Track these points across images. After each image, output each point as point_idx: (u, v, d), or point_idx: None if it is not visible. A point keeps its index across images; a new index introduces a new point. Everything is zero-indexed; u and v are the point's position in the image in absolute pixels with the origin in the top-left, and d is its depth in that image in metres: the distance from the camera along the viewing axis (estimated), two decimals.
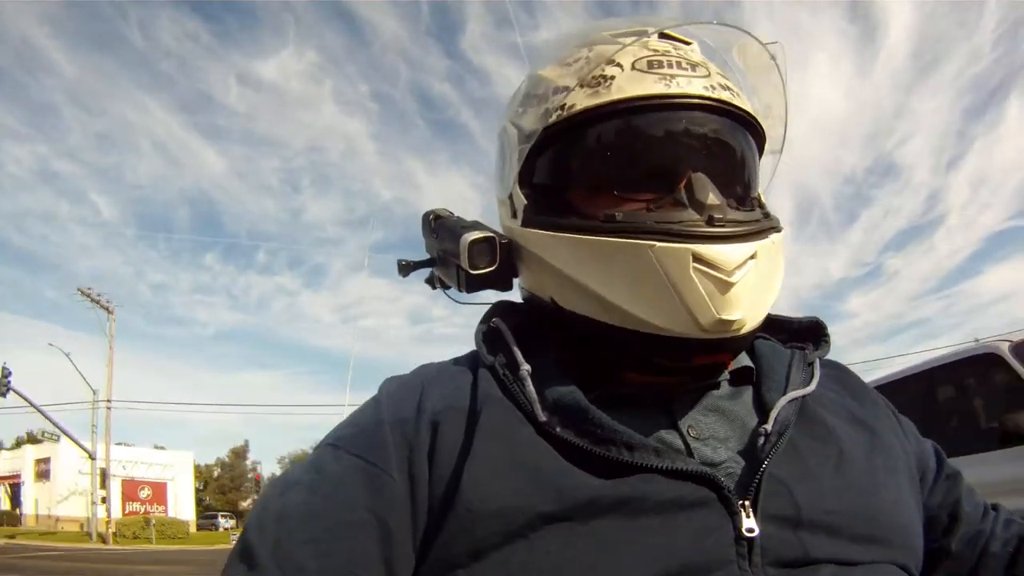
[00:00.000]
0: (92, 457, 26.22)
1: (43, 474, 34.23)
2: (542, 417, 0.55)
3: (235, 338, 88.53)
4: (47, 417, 23.84)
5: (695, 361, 0.59)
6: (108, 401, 26.49)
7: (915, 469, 0.67)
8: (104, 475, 26.28)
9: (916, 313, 77.09)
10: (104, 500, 26.59)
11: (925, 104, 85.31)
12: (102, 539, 26.28)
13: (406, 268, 0.77)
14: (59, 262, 71.16)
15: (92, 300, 26.31)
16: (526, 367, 0.59)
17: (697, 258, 0.54)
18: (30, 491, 34.64)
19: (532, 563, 0.50)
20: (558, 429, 0.55)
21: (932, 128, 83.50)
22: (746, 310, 0.55)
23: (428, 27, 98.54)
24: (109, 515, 27.07)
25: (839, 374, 0.72)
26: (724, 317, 0.54)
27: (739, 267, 0.55)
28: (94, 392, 26.11)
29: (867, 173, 78.17)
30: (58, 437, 28.00)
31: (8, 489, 36.92)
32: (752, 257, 0.56)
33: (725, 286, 0.54)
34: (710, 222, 0.55)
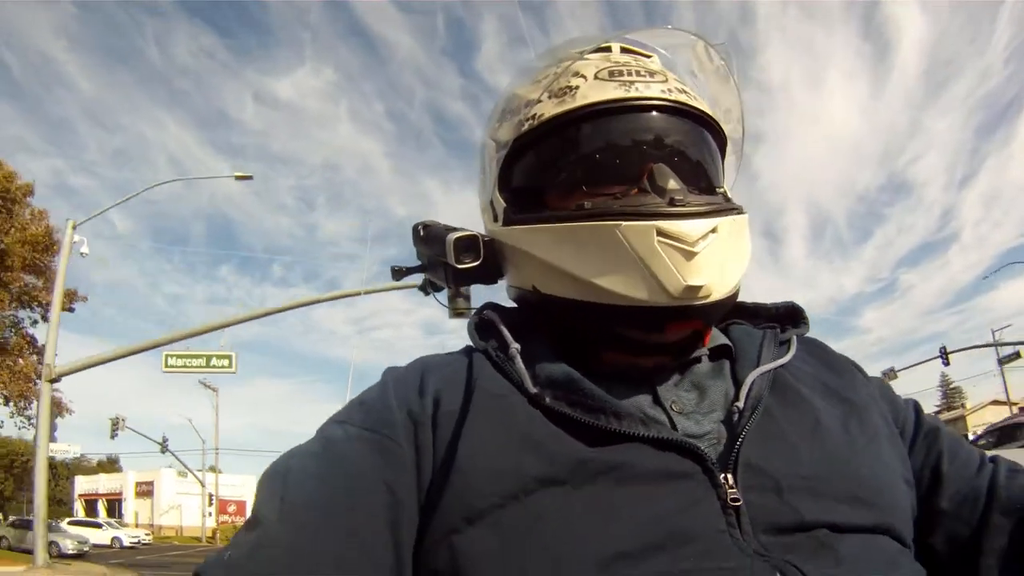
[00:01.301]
0: (203, 484, 38.96)
1: (144, 493, 46.11)
2: (532, 389, 0.59)
3: (249, 347, 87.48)
4: (181, 462, 36.61)
5: (668, 329, 0.62)
6: (216, 449, 39.46)
7: (895, 431, 0.68)
8: (212, 498, 39.13)
9: (930, 328, 78.21)
10: (211, 514, 39.51)
11: (937, 122, 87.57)
12: (210, 541, 39.05)
13: (399, 273, 0.83)
14: (74, 272, 74.25)
15: (206, 387, 39.12)
16: (515, 346, 0.63)
17: (661, 232, 0.58)
18: (131, 506, 46.58)
19: (526, 527, 0.52)
20: (548, 399, 0.58)
21: (945, 146, 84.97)
22: (711, 277, 0.59)
23: (444, 46, 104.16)
24: (217, 523, 39.94)
25: (815, 349, 0.74)
26: (691, 283, 0.58)
27: (701, 239, 0.59)
28: (203, 441, 38.90)
29: (880, 191, 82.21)
30: (186, 474, 40.56)
31: (105, 504, 48.80)
32: (713, 231, 0.60)
33: (689, 255, 0.58)
34: (671, 203, 0.60)
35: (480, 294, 0.80)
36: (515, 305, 0.75)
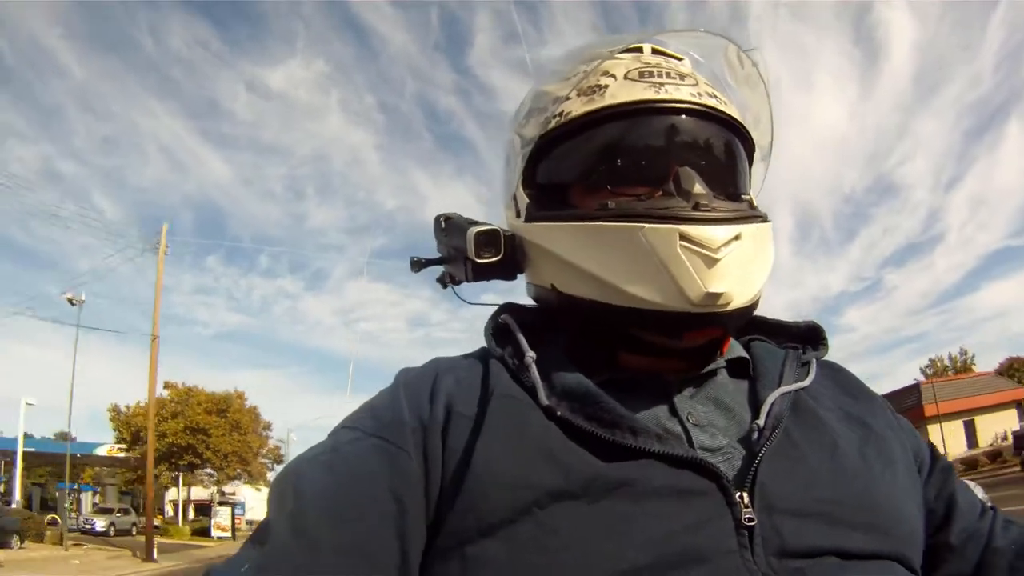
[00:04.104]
0: None
1: (224, 502, 55.79)
2: (545, 401, 0.58)
3: (235, 338, 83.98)
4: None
5: (686, 336, 0.61)
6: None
7: (913, 463, 0.67)
8: None
9: (914, 328, 74.51)
10: None
11: (926, 125, 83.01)
12: None
13: (418, 264, 0.81)
14: (60, 260, 64.99)
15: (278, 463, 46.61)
16: (531, 354, 0.62)
17: (684, 237, 0.57)
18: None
19: (539, 540, 0.51)
20: (560, 412, 0.57)
21: (932, 149, 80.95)
22: (732, 285, 0.58)
23: (437, 40, 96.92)
24: None
25: (835, 373, 0.73)
26: (712, 290, 0.57)
27: (724, 245, 0.57)
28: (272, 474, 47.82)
29: (867, 192, 77.64)
30: (260, 488, 49.70)
31: (194, 508, 58.56)
32: (737, 238, 0.58)
33: (711, 261, 0.57)
34: (696, 207, 0.58)
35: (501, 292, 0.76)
36: (533, 303, 0.75)
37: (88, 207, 67.93)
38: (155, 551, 19.10)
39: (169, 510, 58.23)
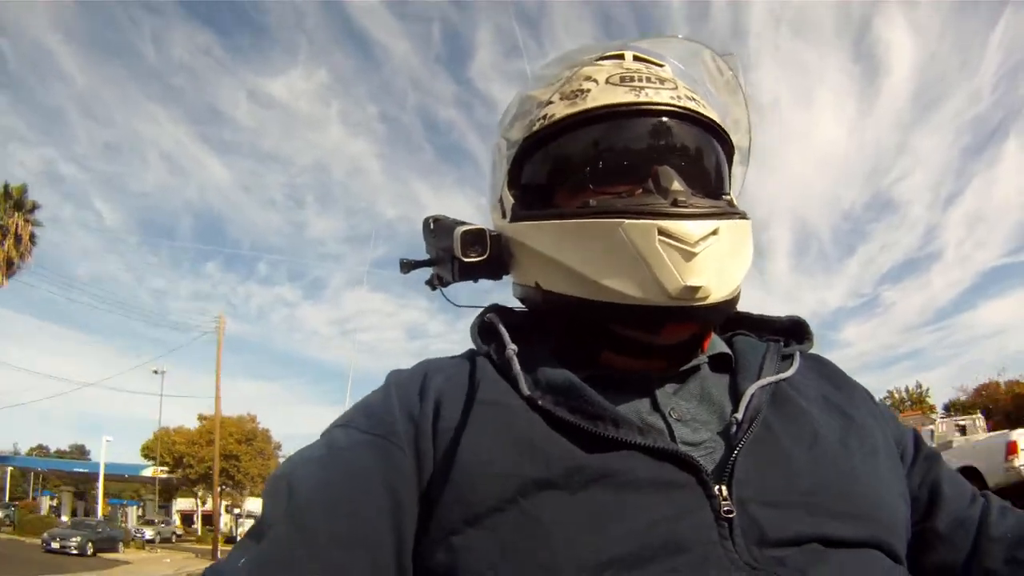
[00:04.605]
0: None
1: (253, 515, 61.12)
2: (526, 391, 0.59)
3: (232, 347, 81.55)
4: None
5: (664, 330, 0.63)
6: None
7: (895, 451, 0.68)
8: None
9: (911, 344, 70.95)
10: None
11: (925, 142, 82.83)
12: None
13: (407, 266, 0.82)
14: (60, 264, 66.94)
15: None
16: (512, 347, 0.63)
17: (662, 232, 0.59)
18: (223, 519, 61.61)
19: (523, 529, 0.53)
20: (548, 404, 0.58)
21: (931, 166, 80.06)
22: (710, 279, 0.59)
23: (438, 53, 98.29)
24: None
25: (818, 365, 0.74)
26: (690, 283, 0.58)
27: (702, 240, 0.59)
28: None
29: (866, 208, 76.16)
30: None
31: (200, 517, 63.81)
32: (714, 233, 0.60)
33: (689, 255, 0.59)
34: (674, 204, 0.60)
35: (492, 295, 0.78)
36: (520, 305, 0.76)
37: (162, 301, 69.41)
38: (218, 553, 25.35)
39: (177, 520, 63.90)
